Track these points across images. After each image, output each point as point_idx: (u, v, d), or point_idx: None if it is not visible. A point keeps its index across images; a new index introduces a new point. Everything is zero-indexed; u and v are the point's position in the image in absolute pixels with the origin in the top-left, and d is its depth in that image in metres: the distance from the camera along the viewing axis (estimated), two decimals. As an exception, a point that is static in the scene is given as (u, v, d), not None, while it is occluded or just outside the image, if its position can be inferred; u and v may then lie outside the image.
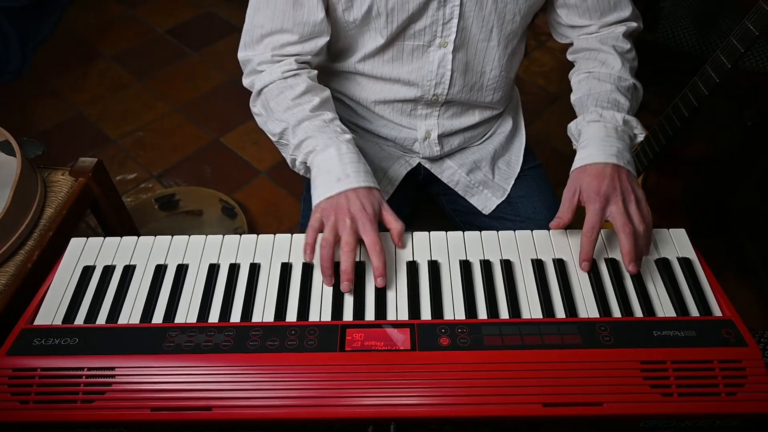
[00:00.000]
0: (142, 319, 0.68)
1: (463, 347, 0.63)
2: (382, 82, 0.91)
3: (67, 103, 2.05)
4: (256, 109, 0.87)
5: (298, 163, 0.81)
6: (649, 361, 0.62)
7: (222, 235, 0.77)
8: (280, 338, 0.64)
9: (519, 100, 1.11)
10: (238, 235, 0.77)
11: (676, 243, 0.76)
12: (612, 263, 0.73)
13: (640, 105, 0.89)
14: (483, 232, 0.77)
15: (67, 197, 0.95)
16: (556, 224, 0.74)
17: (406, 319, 0.67)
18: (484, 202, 1.02)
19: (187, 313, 0.69)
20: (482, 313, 0.68)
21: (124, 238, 0.77)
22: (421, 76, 0.88)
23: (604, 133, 0.78)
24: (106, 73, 2.18)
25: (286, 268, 0.73)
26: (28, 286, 0.84)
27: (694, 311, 0.68)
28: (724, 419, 0.61)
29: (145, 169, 1.85)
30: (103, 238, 0.77)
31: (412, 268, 0.73)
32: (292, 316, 0.68)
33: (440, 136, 0.97)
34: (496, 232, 0.77)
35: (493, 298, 0.69)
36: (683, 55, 1.46)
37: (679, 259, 0.74)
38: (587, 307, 0.69)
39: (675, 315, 0.67)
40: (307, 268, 0.73)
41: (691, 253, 0.74)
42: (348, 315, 0.68)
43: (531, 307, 0.69)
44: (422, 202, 1.16)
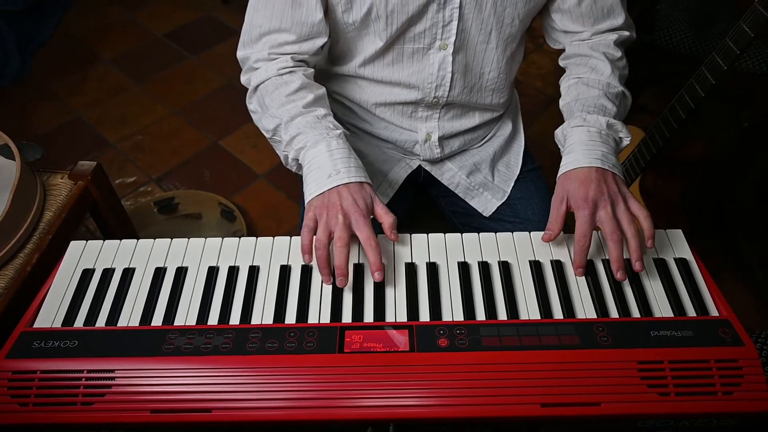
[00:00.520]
0: (142, 322, 0.68)
1: (461, 348, 0.63)
2: (383, 85, 0.91)
3: (66, 106, 2.05)
4: (252, 106, 0.87)
5: (290, 159, 0.82)
6: (647, 361, 0.62)
7: (221, 238, 0.77)
8: (280, 340, 0.64)
9: (518, 103, 1.11)
10: (237, 238, 0.77)
11: (673, 244, 0.76)
12: (609, 264, 0.73)
13: (639, 107, 0.89)
14: (481, 234, 0.77)
15: (67, 200, 0.95)
16: (548, 237, 0.74)
17: (405, 320, 0.67)
18: (485, 204, 1.03)
19: (187, 315, 0.69)
20: (480, 315, 0.68)
21: (123, 241, 0.77)
22: (422, 79, 0.89)
23: (587, 137, 0.78)
24: (105, 76, 2.19)
25: (285, 271, 0.73)
26: (28, 289, 0.84)
27: (691, 311, 0.68)
28: (721, 419, 0.61)
29: (144, 172, 1.85)
30: (102, 241, 0.77)
31: (411, 269, 0.73)
32: (291, 318, 0.68)
33: (441, 139, 0.98)
34: (494, 234, 0.77)
35: (492, 300, 0.70)
36: (680, 57, 1.47)
37: (676, 259, 0.74)
38: (585, 308, 0.69)
39: (672, 315, 0.68)
40: (306, 271, 0.73)
41: (688, 254, 0.75)
42: (347, 317, 0.68)
43: (529, 308, 0.69)
44: (422, 204, 1.16)
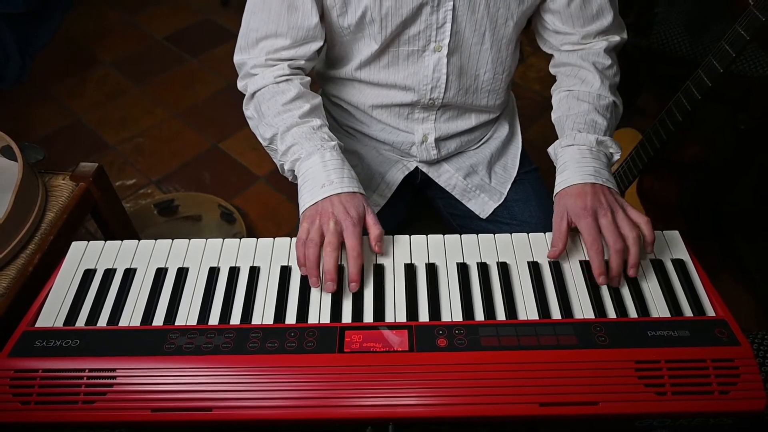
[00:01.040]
0: (143, 322, 0.68)
1: (460, 348, 0.64)
2: (380, 88, 0.92)
3: (66, 109, 2.06)
4: (249, 113, 0.88)
5: (286, 169, 0.82)
6: (644, 361, 0.62)
7: (222, 239, 0.78)
8: (280, 340, 0.65)
9: (515, 105, 1.12)
10: (237, 239, 0.78)
11: (670, 245, 0.77)
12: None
13: (637, 109, 0.90)
14: (480, 236, 0.78)
15: (68, 201, 0.96)
16: (553, 254, 0.74)
17: (404, 320, 0.68)
18: (482, 206, 1.03)
19: (188, 315, 0.69)
20: (479, 315, 0.69)
21: (124, 241, 0.78)
22: (418, 81, 0.90)
23: (579, 155, 0.79)
24: (105, 79, 2.19)
25: (286, 271, 0.74)
26: (29, 289, 0.85)
27: (688, 311, 0.69)
28: (718, 418, 0.62)
29: (144, 174, 1.85)
30: (103, 242, 0.78)
31: (410, 270, 0.74)
32: (291, 318, 0.69)
33: (437, 140, 0.98)
34: (493, 236, 0.78)
35: (490, 300, 0.70)
36: (677, 60, 1.48)
37: (672, 260, 0.75)
38: (582, 308, 0.69)
39: (669, 315, 0.68)
40: (306, 271, 0.74)
41: (685, 255, 0.75)
42: (347, 317, 0.69)
43: (527, 309, 0.69)
44: (420, 207, 1.16)
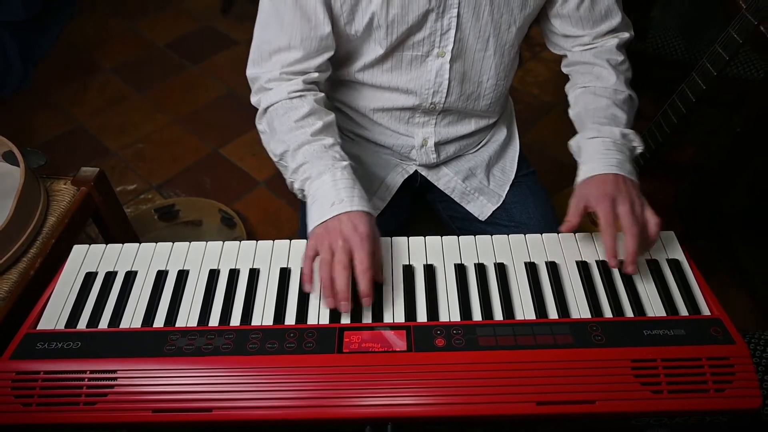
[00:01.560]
0: (144, 324, 0.69)
1: (458, 348, 0.64)
2: (381, 91, 0.93)
3: (68, 115, 2.07)
4: (261, 127, 0.88)
5: (296, 188, 0.82)
6: (640, 360, 0.63)
7: (222, 242, 0.79)
8: (279, 340, 0.65)
9: (513, 109, 1.13)
10: (237, 242, 0.79)
11: (666, 245, 0.77)
12: (603, 265, 0.75)
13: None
14: (477, 237, 0.78)
15: (70, 206, 0.97)
16: (566, 227, 0.76)
17: (403, 321, 0.69)
18: (480, 209, 1.04)
19: (188, 317, 0.70)
20: (477, 315, 0.69)
21: (125, 245, 0.78)
22: (420, 85, 0.90)
23: (603, 147, 0.80)
24: (106, 85, 2.20)
25: (285, 273, 0.75)
26: (31, 292, 0.85)
27: (683, 311, 0.69)
28: (714, 416, 0.62)
29: (145, 180, 1.86)
30: (105, 245, 0.78)
31: (408, 271, 0.74)
32: (290, 319, 0.69)
33: (437, 144, 0.99)
34: (490, 237, 0.78)
35: (488, 300, 0.71)
36: (672, 63, 1.49)
37: (668, 260, 0.75)
38: (579, 308, 0.70)
39: (664, 315, 0.69)
40: (306, 273, 0.74)
41: (680, 255, 0.76)
42: (346, 318, 0.69)
43: (524, 309, 0.70)
44: (419, 210, 1.17)
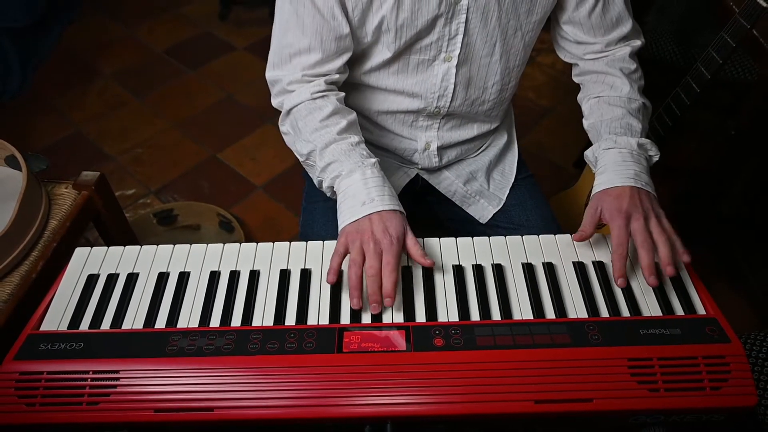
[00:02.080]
0: (146, 324, 0.70)
1: (456, 347, 0.65)
2: (386, 93, 0.93)
3: (67, 120, 2.08)
4: (285, 128, 0.88)
5: (325, 186, 0.82)
6: (636, 359, 0.64)
7: (222, 244, 0.79)
8: (280, 341, 0.66)
9: (513, 115, 1.14)
10: (238, 244, 0.79)
11: (662, 246, 0.78)
12: (599, 266, 0.75)
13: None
14: (475, 238, 0.79)
15: (71, 209, 0.97)
16: (579, 236, 0.76)
17: (402, 321, 0.69)
18: (481, 212, 1.05)
19: (189, 318, 0.70)
20: (475, 315, 0.70)
21: (127, 247, 0.79)
22: (425, 89, 0.91)
23: (620, 158, 0.80)
24: (105, 91, 2.22)
25: (285, 275, 0.75)
26: (32, 295, 0.86)
27: (679, 310, 0.70)
28: (710, 414, 0.63)
29: (144, 185, 1.87)
30: (106, 248, 0.79)
31: (407, 272, 0.75)
32: (291, 319, 0.70)
33: (439, 148, 1.00)
34: (488, 238, 0.79)
35: (486, 301, 0.72)
36: (667, 67, 1.51)
37: (664, 261, 0.76)
38: (576, 308, 0.71)
39: (660, 314, 0.70)
40: (306, 274, 0.75)
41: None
42: (345, 318, 0.70)
43: (522, 309, 0.71)
44: (419, 213, 1.18)
